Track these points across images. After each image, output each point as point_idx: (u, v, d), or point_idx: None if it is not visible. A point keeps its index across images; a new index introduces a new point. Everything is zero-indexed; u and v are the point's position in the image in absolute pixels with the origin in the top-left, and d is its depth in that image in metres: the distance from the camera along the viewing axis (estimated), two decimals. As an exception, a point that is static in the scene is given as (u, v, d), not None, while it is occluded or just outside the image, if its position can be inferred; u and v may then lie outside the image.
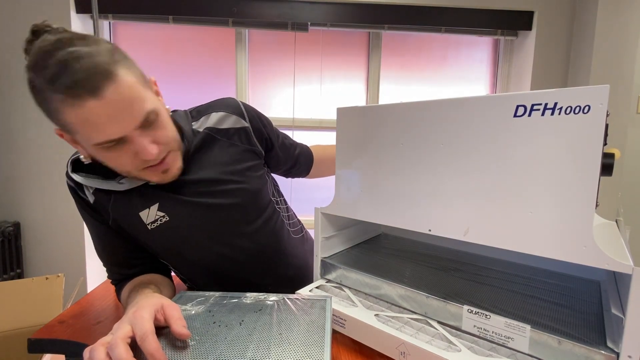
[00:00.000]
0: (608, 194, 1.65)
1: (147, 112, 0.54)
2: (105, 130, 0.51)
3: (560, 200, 0.40)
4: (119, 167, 0.58)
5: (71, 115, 0.49)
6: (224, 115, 0.73)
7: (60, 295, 1.37)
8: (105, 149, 0.54)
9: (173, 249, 0.68)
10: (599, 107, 0.37)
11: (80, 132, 0.51)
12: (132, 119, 0.52)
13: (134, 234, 0.66)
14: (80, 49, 0.48)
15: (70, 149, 0.62)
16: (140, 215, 0.64)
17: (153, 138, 0.56)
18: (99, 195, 0.64)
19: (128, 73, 0.52)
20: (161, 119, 0.58)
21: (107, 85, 0.48)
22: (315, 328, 0.47)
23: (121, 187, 0.63)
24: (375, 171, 0.58)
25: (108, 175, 0.63)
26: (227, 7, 1.73)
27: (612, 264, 0.37)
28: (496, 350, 0.45)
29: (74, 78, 0.46)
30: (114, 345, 0.38)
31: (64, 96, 0.47)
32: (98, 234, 0.68)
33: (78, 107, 0.48)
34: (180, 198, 0.65)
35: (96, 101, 0.48)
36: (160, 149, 0.57)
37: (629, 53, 1.69)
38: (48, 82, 0.47)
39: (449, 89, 2.00)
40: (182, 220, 0.66)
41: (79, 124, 0.50)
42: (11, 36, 1.65)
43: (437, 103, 0.50)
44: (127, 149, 0.54)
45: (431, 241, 0.76)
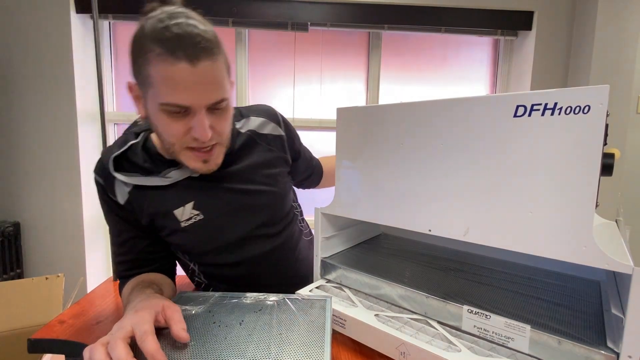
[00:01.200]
0: (608, 194, 1.65)
1: (222, 98, 0.57)
2: (181, 94, 0.53)
3: (560, 200, 0.40)
4: (169, 135, 0.58)
5: (159, 69, 0.52)
6: (264, 121, 0.76)
7: (60, 295, 1.37)
8: (167, 112, 0.55)
9: (201, 247, 0.69)
10: (599, 107, 0.37)
11: (156, 88, 0.53)
12: (207, 97, 0.55)
13: (164, 232, 0.67)
14: (198, 23, 0.53)
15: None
16: (175, 213, 0.65)
17: (213, 124, 0.57)
18: (135, 194, 0.64)
19: (222, 60, 0.56)
20: (227, 112, 0.60)
21: (205, 60, 0.52)
22: (315, 328, 0.47)
23: (164, 182, 0.64)
24: (375, 171, 0.58)
25: (148, 172, 0.65)
26: (227, 7, 1.73)
27: (612, 264, 0.37)
28: (496, 350, 0.45)
29: (181, 40, 0.50)
30: (114, 345, 0.38)
31: (164, 51, 0.50)
32: (120, 232, 0.68)
33: (170, 65, 0.51)
34: (215, 195, 0.67)
35: (189, 67, 0.51)
36: (214, 136, 0.59)
37: (629, 53, 1.69)
38: (156, 34, 0.51)
39: (449, 89, 2.00)
40: (215, 219, 0.68)
41: (161, 80, 0.52)
42: (11, 36, 1.65)
43: (437, 103, 0.50)
44: (186, 122, 0.56)
45: (431, 241, 0.76)
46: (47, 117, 1.70)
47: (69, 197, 1.74)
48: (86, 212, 1.77)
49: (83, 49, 1.76)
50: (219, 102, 0.57)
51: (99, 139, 1.82)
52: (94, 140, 1.84)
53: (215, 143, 0.61)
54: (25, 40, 1.66)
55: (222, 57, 0.56)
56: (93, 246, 1.85)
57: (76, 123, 1.71)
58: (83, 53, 1.75)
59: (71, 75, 1.68)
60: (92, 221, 1.84)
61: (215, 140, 0.60)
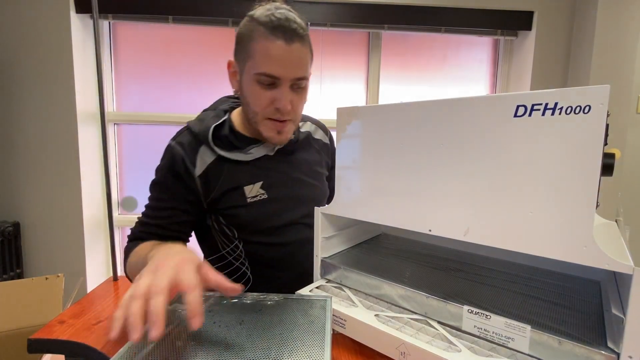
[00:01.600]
0: (608, 194, 1.65)
1: (304, 75, 0.68)
2: (274, 66, 0.65)
3: (560, 200, 0.40)
4: (255, 104, 0.69)
5: (260, 45, 0.64)
6: (316, 128, 0.90)
7: (60, 295, 1.37)
8: (258, 82, 0.67)
9: (257, 224, 0.76)
10: (599, 107, 0.37)
11: (254, 59, 0.66)
12: (294, 71, 0.67)
13: (229, 204, 0.74)
14: (295, 17, 0.66)
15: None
16: (245, 189, 0.74)
17: (292, 99, 0.69)
18: (214, 166, 0.72)
19: (309, 49, 0.69)
20: (304, 93, 0.72)
21: (297, 42, 0.65)
22: (315, 328, 0.47)
23: (246, 157, 0.74)
24: (375, 171, 0.58)
25: (232, 147, 0.74)
26: (227, 7, 1.73)
27: (612, 264, 0.37)
28: (496, 350, 0.45)
29: (281, 23, 0.63)
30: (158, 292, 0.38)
31: (267, 30, 0.64)
32: (167, 199, 0.72)
33: (270, 42, 0.64)
34: (280, 180, 0.77)
35: (285, 45, 0.64)
36: (290, 110, 0.69)
37: (629, 53, 1.69)
38: (262, 17, 0.64)
39: (448, 89, 2.00)
40: (276, 201, 0.76)
41: (260, 53, 0.65)
42: (11, 36, 1.65)
43: (437, 103, 0.50)
44: (272, 93, 0.68)
45: (431, 241, 0.76)
46: (47, 117, 1.70)
47: (69, 197, 1.74)
48: (86, 212, 1.77)
49: (83, 49, 1.76)
50: (301, 79, 0.68)
51: (99, 139, 1.82)
52: (94, 140, 1.84)
53: (289, 119, 0.71)
54: (25, 40, 1.66)
55: (309, 47, 0.69)
56: (93, 246, 1.84)
57: (76, 123, 1.71)
58: (83, 53, 1.75)
59: (71, 75, 1.68)
60: (92, 221, 1.84)
61: (290, 116, 0.71)
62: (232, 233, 0.77)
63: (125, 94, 1.91)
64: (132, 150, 1.94)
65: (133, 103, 1.91)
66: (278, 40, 0.63)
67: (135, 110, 1.90)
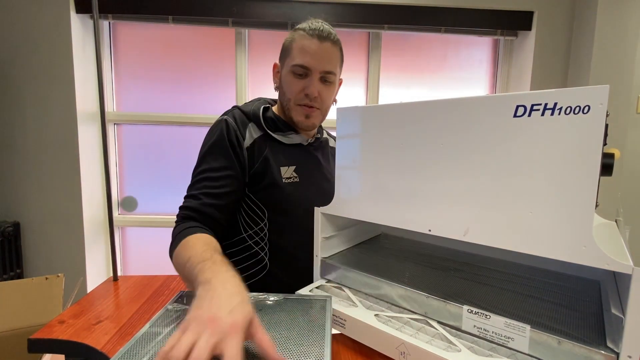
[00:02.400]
0: (608, 194, 1.65)
1: (332, 69, 0.81)
2: (306, 58, 0.78)
3: (560, 200, 0.40)
4: (290, 91, 0.82)
5: (300, 43, 0.79)
6: (329, 138, 1.00)
7: (60, 295, 1.37)
8: (293, 73, 0.80)
9: (287, 204, 0.81)
10: (598, 107, 0.37)
11: (292, 54, 0.80)
12: (322, 64, 0.79)
13: (266, 180, 0.80)
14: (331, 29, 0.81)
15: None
16: (281, 169, 0.82)
17: (320, 90, 0.80)
18: (259, 142, 0.81)
19: (339, 53, 0.83)
20: (332, 87, 0.84)
21: (329, 42, 0.79)
22: (315, 328, 0.47)
23: (285, 140, 0.85)
24: (375, 171, 0.58)
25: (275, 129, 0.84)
26: (227, 7, 1.73)
27: (612, 264, 0.37)
28: (496, 350, 0.45)
29: (317, 29, 0.78)
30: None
31: (305, 32, 0.79)
32: (223, 168, 0.77)
33: (307, 40, 0.78)
34: (311, 169, 0.87)
35: (319, 43, 0.78)
36: (318, 100, 0.81)
37: (629, 53, 1.69)
38: (304, 25, 0.80)
39: (448, 89, 2.00)
40: (305, 186, 0.84)
41: (298, 48, 0.79)
42: (11, 36, 1.65)
43: (437, 103, 0.50)
44: (302, 82, 0.80)
45: (431, 241, 0.76)
46: (47, 117, 1.70)
47: (69, 197, 1.74)
48: (86, 212, 1.77)
49: (83, 49, 1.76)
50: (330, 73, 0.80)
51: (99, 139, 1.82)
52: (94, 140, 1.84)
53: (317, 107, 0.82)
54: (26, 40, 1.66)
55: (339, 50, 0.82)
56: (93, 246, 1.84)
57: (76, 123, 1.71)
58: (83, 53, 1.75)
59: (71, 75, 1.68)
60: (92, 221, 1.84)
61: (317, 104, 0.81)
62: (263, 213, 0.81)
63: (125, 94, 1.91)
64: (132, 150, 1.94)
65: (133, 103, 1.91)
66: (313, 38, 0.77)
67: (135, 110, 1.90)
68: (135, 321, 0.68)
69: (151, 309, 0.74)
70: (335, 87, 0.85)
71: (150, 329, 0.47)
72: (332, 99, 0.86)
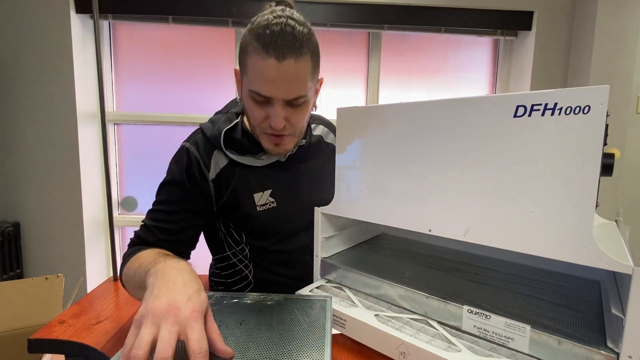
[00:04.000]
0: (608, 194, 1.65)
1: (299, 94, 0.63)
2: (265, 86, 0.61)
3: (560, 200, 0.40)
4: (252, 118, 0.68)
5: (253, 61, 0.61)
6: (327, 131, 0.88)
7: (60, 295, 1.37)
8: (252, 99, 0.64)
9: (264, 232, 0.76)
10: (599, 107, 0.37)
11: (248, 75, 0.63)
12: (286, 92, 0.62)
13: (239, 210, 0.73)
14: (296, 24, 0.59)
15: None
16: (254, 196, 0.73)
17: (288, 115, 0.65)
18: (227, 170, 0.72)
19: (310, 62, 0.63)
20: (304, 108, 0.67)
21: (291, 58, 0.59)
22: (315, 328, 0.47)
23: (258, 163, 0.74)
24: (375, 171, 0.58)
25: (244, 151, 0.73)
26: (226, 7, 1.73)
27: (612, 264, 0.37)
28: (496, 350, 0.45)
29: (275, 38, 0.58)
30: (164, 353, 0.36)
31: (260, 46, 0.59)
32: (178, 202, 0.70)
33: (261, 59, 0.59)
34: (290, 188, 0.76)
35: (277, 63, 0.59)
36: (286, 127, 0.66)
37: (629, 53, 1.69)
38: (258, 30, 0.59)
39: (448, 89, 2.00)
40: (285, 209, 0.76)
41: (253, 69, 0.61)
42: (11, 36, 1.65)
43: (437, 103, 0.50)
44: (266, 110, 0.64)
45: (431, 241, 0.76)
46: (47, 117, 1.70)
47: (69, 197, 1.74)
48: (86, 212, 1.77)
49: (83, 49, 1.76)
50: (297, 99, 0.63)
51: (99, 139, 1.82)
52: (94, 140, 1.84)
53: (287, 134, 0.68)
54: (25, 40, 1.66)
55: (308, 57, 0.62)
56: (93, 246, 1.84)
57: (76, 123, 1.71)
58: (83, 53, 1.75)
59: (71, 75, 1.68)
60: (92, 221, 1.84)
61: (288, 131, 0.67)
62: (240, 237, 0.77)
63: (125, 94, 1.91)
64: (132, 150, 1.94)
65: (133, 103, 1.91)
66: (269, 58, 0.58)
67: (135, 110, 1.90)
68: (135, 321, 0.68)
69: (151, 309, 0.74)
70: (308, 105, 0.69)
71: (150, 329, 0.47)
72: (307, 117, 0.72)
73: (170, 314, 0.39)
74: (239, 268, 0.80)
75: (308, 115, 0.71)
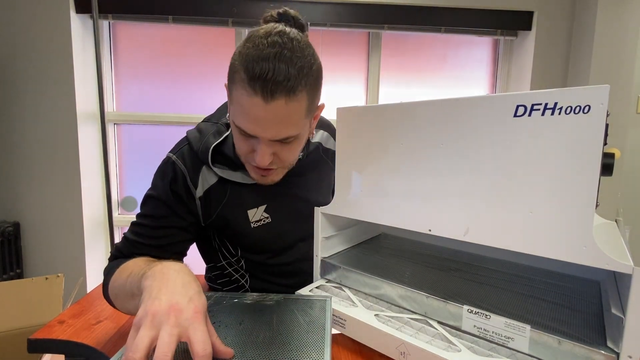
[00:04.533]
0: (608, 194, 1.65)
1: (288, 135, 0.57)
2: (250, 125, 0.55)
3: (560, 200, 0.40)
4: (237, 148, 0.63)
5: (238, 94, 0.53)
6: (327, 136, 0.82)
7: (59, 296, 1.37)
8: (238, 131, 0.58)
9: (259, 247, 0.74)
10: (599, 107, 0.37)
11: (233, 107, 0.57)
12: (273, 133, 0.56)
13: (232, 228, 0.70)
14: (291, 56, 0.51)
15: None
16: (248, 213, 0.70)
17: (276, 151, 0.59)
18: (217, 187, 0.67)
19: (305, 99, 0.55)
20: (295, 144, 0.61)
21: (280, 98, 0.51)
22: (315, 328, 0.47)
23: (249, 180, 0.68)
24: (375, 171, 0.58)
25: (236, 167, 0.67)
26: (227, 7, 1.73)
27: (612, 264, 0.37)
28: (496, 350, 0.45)
29: (263, 75, 0.50)
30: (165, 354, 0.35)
31: (246, 78, 0.51)
32: (163, 217, 0.65)
33: (247, 95, 0.52)
34: (284, 202, 0.72)
35: (263, 103, 0.51)
36: (273, 162, 0.61)
37: (629, 53, 1.69)
38: (247, 59, 0.51)
39: (448, 89, 2.00)
40: (280, 224, 0.73)
41: (237, 103, 0.54)
42: (11, 36, 1.65)
43: (437, 103, 0.50)
44: (252, 144, 0.59)
45: (431, 241, 0.76)
46: (47, 117, 1.70)
47: (69, 197, 1.74)
48: (86, 212, 1.77)
49: (83, 49, 1.75)
50: (286, 139, 0.57)
51: (99, 139, 1.82)
52: (94, 140, 1.84)
53: (275, 167, 0.63)
54: (25, 40, 1.66)
55: (304, 95, 0.54)
56: (93, 246, 1.84)
57: (76, 123, 1.71)
58: (83, 53, 1.75)
59: (71, 75, 1.68)
60: (92, 221, 1.84)
61: (275, 165, 0.62)
62: (236, 251, 0.76)
63: (125, 94, 1.91)
64: (132, 150, 1.94)
65: (133, 103, 1.91)
66: (255, 96, 0.51)
67: (135, 110, 1.90)
68: (135, 321, 0.68)
69: (151, 309, 0.73)
70: (301, 141, 0.62)
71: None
72: (299, 150, 0.65)
73: (171, 315, 0.37)
74: (235, 278, 0.78)
75: (301, 148, 0.65)
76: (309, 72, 0.54)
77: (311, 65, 0.54)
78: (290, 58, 0.51)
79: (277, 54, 0.50)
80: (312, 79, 0.55)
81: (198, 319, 0.38)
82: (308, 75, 0.53)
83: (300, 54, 0.53)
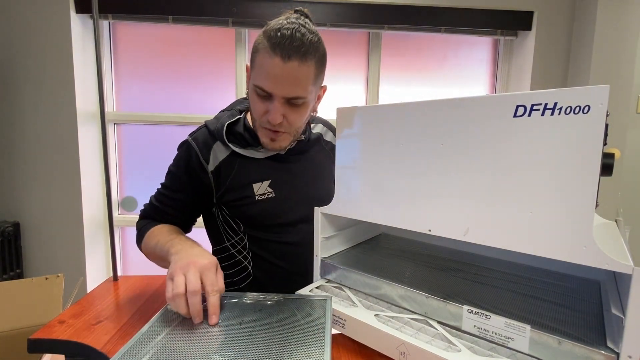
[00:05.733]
0: (608, 194, 1.65)
1: (298, 94, 0.68)
2: (267, 82, 0.66)
3: (560, 200, 0.40)
4: (254, 110, 0.73)
5: (261, 58, 0.66)
6: (326, 130, 0.92)
7: (60, 295, 1.37)
8: (256, 93, 0.69)
9: (261, 220, 0.79)
10: (599, 107, 0.37)
11: (255, 71, 0.69)
12: (286, 90, 0.67)
13: (239, 200, 0.77)
14: (307, 32, 0.64)
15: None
16: (253, 186, 0.77)
17: (286, 114, 0.70)
18: (227, 162, 0.77)
19: (314, 67, 0.67)
20: (303, 109, 0.71)
21: (296, 60, 0.64)
22: (315, 328, 0.47)
23: (258, 155, 0.78)
24: (375, 171, 0.58)
25: (246, 144, 0.78)
26: (227, 7, 1.73)
27: (612, 264, 0.37)
28: (496, 350, 0.45)
29: (283, 40, 0.63)
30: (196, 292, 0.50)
31: (268, 45, 0.64)
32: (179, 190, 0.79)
33: (268, 57, 0.64)
34: (288, 179, 0.80)
35: (281, 62, 0.64)
36: (282, 124, 0.71)
37: (629, 53, 1.69)
38: (269, 32, 0.64)
39: (448, 89, 2.00)
40: (283, 200, 0.79)
41: (260, 66, 0.67)
42: (11, 36, 1.65)
43: (437, 103, 0.50)
44: (265, 104, 0.69)
45: (431, 241, 0.76)
46: (47, 117, 1.70)
47: (69, 197, 1.74)
48: (86, 212, 1.77)
49: (83, 49, 1.76)
50: (296, 98, 0.68)
51: (99, 139, 1.82)
52: (94, 140, 1.84)
53: (283, 131, 0.72)
54: (25, 41, 1.66)
55: (313, 63, 0.67)
56: (93, 246, 1.84)
57: (76, 123, 1.71)
58: (83, 53, 1.75)
59: (71, 75, 1.68)
60: (92, 221, 1.84)
61: (284, 128, 0.72)
62: (238, 226, 0.80)
63: (125, 94, 1.91)
64: (132, 150, 1.94)
65: (133, 103, 1.91)
66: (275, 57, 0.63)
67: (135, 110, 1.90)
68: (135, 321, 0.68)
69: (151, 309, 0.74)
70: (307, 107, 0.72)
71: (150, 329, 0.47)
72: (305, 118, 0.75)
73: (191, 264, 0.53)
74: (238, 259, 0.81)
75: (306, 116, 0.75)
76: (318, 48, 0.67)
77: (320, 44, 0.67)
78: (304, 33, 0.64)
79: (294, 28, 0.63)
80: (320, 55, 0.68)
81: (209, 267, 0.54)
82: (317, 50, 0.66)
83: (312, 33, 0.66)
